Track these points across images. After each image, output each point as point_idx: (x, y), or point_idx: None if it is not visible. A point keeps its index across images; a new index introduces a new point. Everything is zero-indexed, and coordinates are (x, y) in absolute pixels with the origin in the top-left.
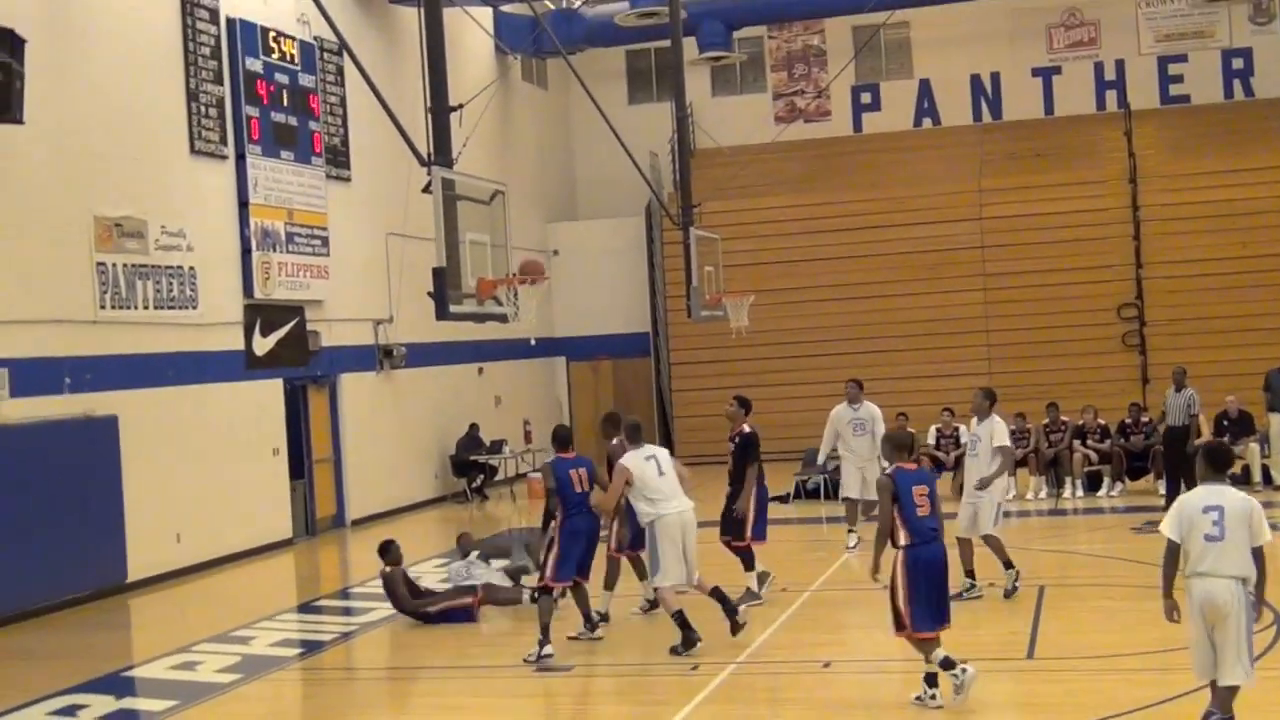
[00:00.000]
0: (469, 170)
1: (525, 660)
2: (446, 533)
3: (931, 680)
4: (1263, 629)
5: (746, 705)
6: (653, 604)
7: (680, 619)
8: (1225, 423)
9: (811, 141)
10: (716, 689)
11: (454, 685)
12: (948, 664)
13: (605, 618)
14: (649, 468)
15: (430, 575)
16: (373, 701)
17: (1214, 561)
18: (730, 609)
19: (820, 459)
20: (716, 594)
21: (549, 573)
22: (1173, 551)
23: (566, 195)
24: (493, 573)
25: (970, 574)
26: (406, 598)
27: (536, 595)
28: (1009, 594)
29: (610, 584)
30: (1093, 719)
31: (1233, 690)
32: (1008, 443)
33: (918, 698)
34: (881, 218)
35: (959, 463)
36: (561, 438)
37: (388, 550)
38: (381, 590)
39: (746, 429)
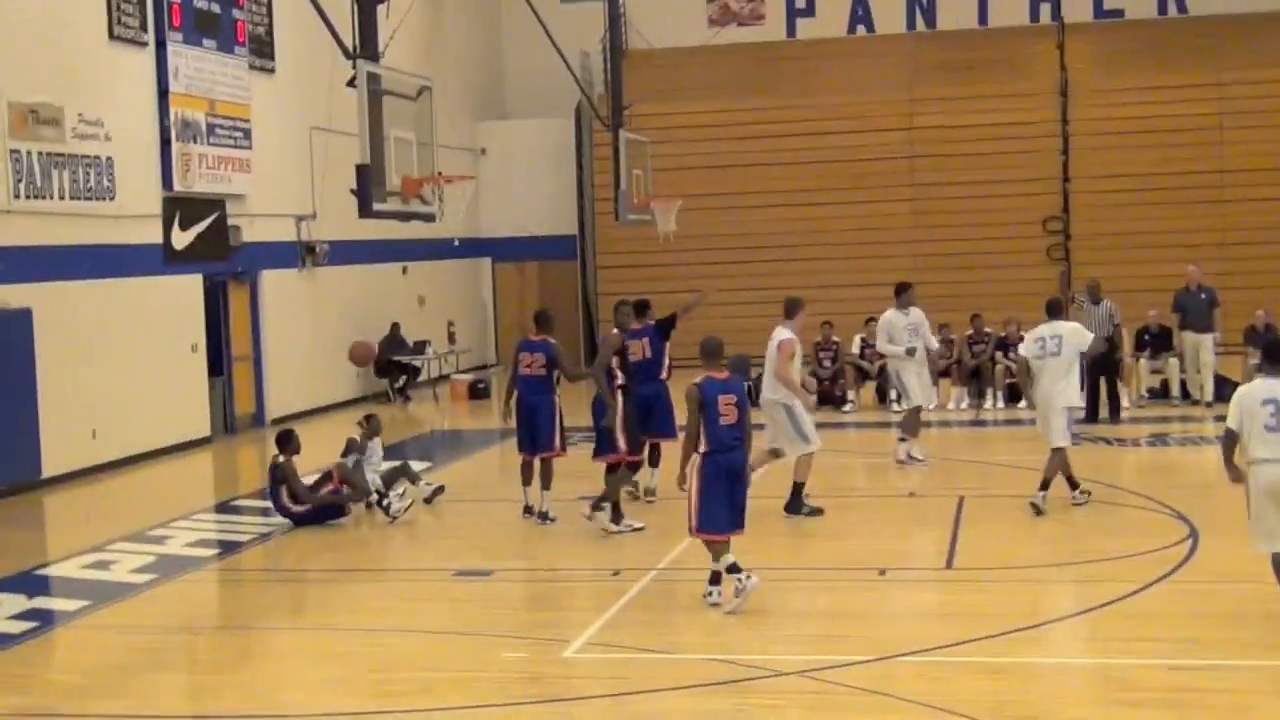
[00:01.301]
0: (395, 65)
1: (604, 530)
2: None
3: (715, 579)
4: (1178, 542)
5: (665, 612)
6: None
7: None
8: (1146, 337)
9: (744, 46)
10: (636, 595)
11: (374, 588)
12: (734, 569)
13: (546, 516)
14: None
15: None
16: (291, 604)
17: (1273, 448)
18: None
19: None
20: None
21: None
22: (1231, 439)
23: (495, 94)
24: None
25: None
26: (303, 492)
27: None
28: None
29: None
30: (1012, 628)
31: None
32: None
33: (705, 595)
34: (812, 125)
35: (883, 371)
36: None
37: (288, 441)
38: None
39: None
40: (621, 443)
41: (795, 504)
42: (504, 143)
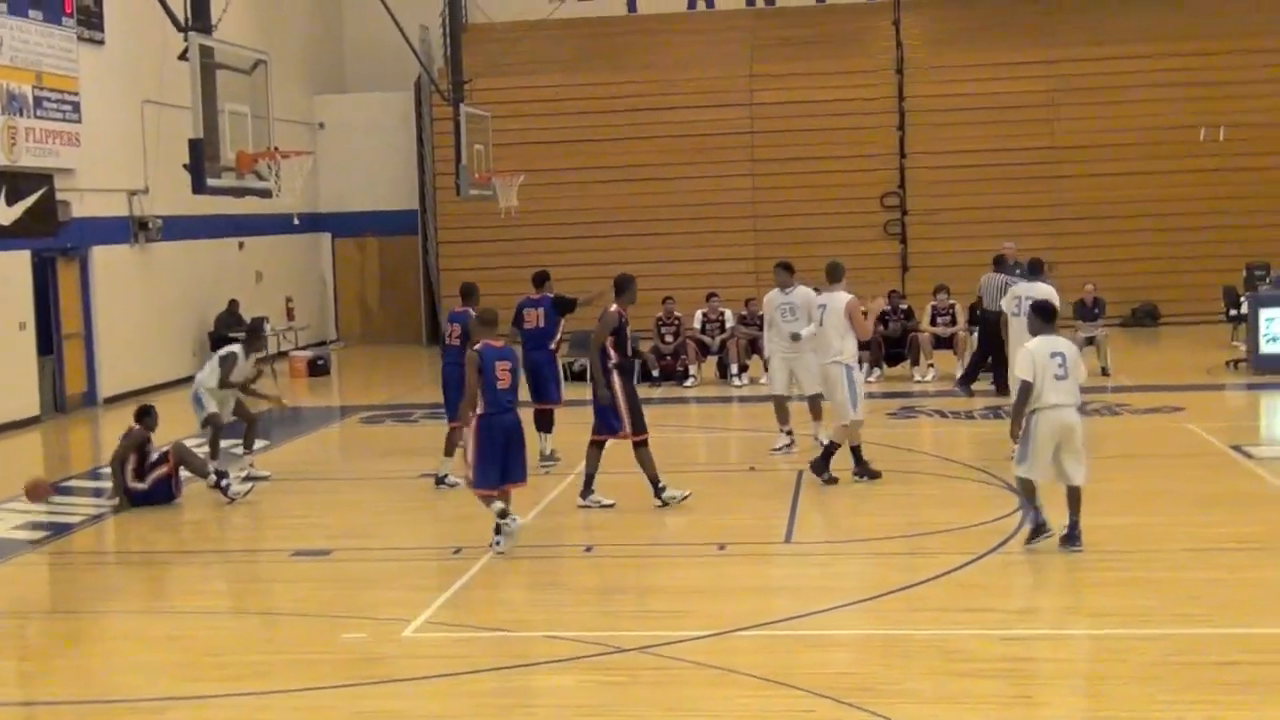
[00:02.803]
0: (230, 38)
1: (579, 505)
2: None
3: (499, 529)
4: (1010, 514)
5: (506, 590)
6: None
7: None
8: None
9: (585, 20)
10: (478, 573)
11: (211, 570)
12: (503, 514)
13: (443, 480)
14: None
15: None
16: (125, 587)
17: (1063, 394)
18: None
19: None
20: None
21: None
22: (1028, 389)
23: (334, 67)
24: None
25: None
26: (131, 468)
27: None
28: None
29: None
30: (848, 601)
31: (1080, 490)
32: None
33: (491, 545)
34: (653, 100)
35: (724, 346)
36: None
37: (147, 414)
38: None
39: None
40: (626, 424)
41: (822, 465)
42: (343, 117)
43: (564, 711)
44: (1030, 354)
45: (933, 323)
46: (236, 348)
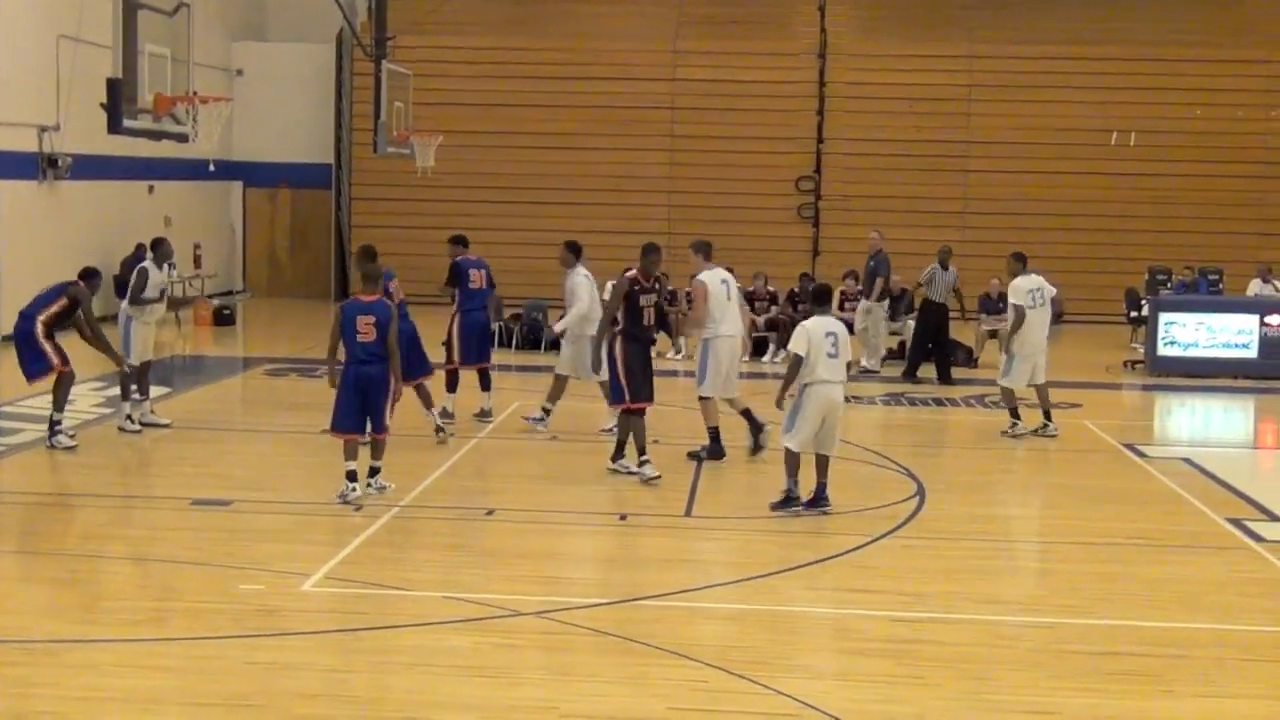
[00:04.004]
0: None
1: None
2: (103, 356)
3: (351, 476)
4: (905, 499)
5: (405, 549)
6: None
7: (714, 433)
8: (889, 298)
9: None
10: (377, 531)
11: (107, 515)
12: (353, 476)
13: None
14: (722, 290)
15: (84, 399)
16: (15, 527)
17: (833, 372)
18: (756, 427)
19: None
20: (747, 415)
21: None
22: (799, 363)
23: (255, 14)
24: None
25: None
26: (96, 328)
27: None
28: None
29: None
30: (744, 576)
31: (829, 458)
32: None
33: (340, 494)
34: (577, 69)
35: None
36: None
37: (94, 276)
38: (29, 412)
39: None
40: (626, 393)
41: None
42: (262, 65)
43: (459, 671)
44: (806, 331)
45: (840, 308)
46: (146, 262)
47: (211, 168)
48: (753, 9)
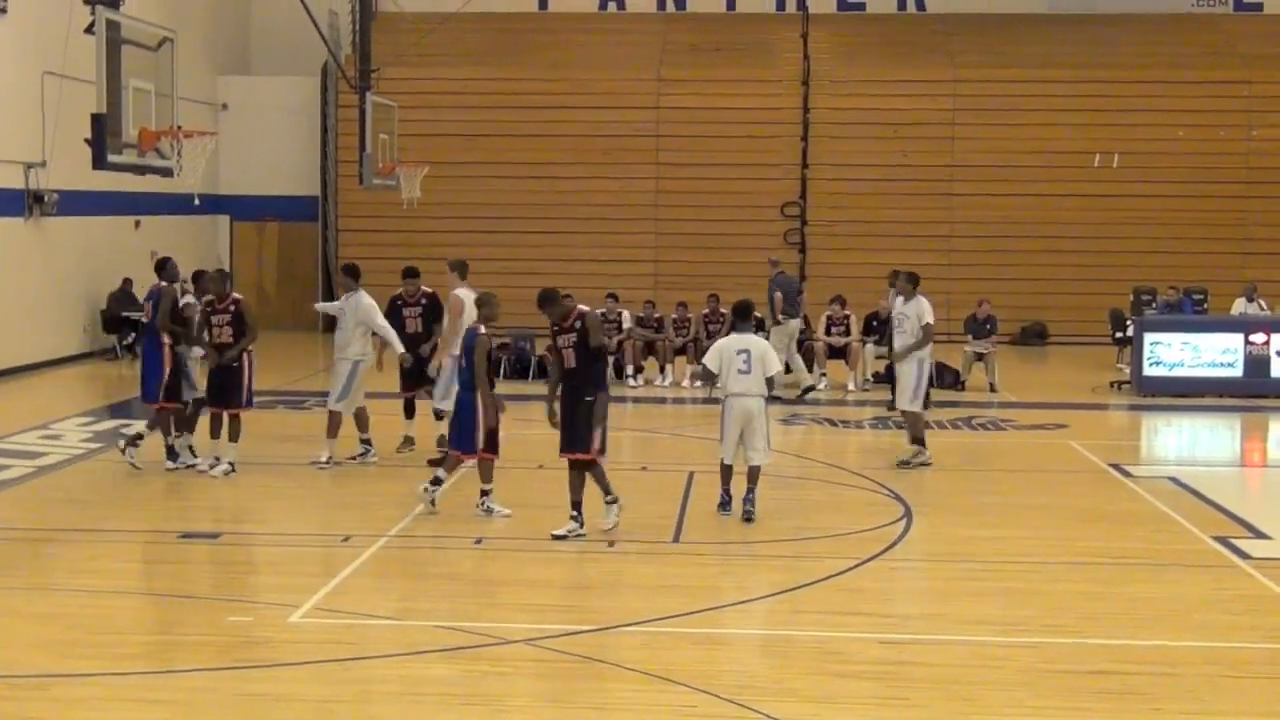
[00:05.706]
0: (136, 13)
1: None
2: (90, 391)
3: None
4: (893, 522)
5: (394, 579)
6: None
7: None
8: (875, 323)
9: (496, 15)
10: (366, 562)
11: (96, 549)
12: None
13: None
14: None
15: (72, 434)
16: (12, 562)
17: (745, 386)
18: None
19: None
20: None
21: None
22: (709, 376)
23: (240, 48)
24: None
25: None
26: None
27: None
28: (903, 465)
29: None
30: (733, 601)
31: (759, 469)
32: (932, 320)
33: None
34: (561, 99)
35: (620, 347)
36: None
37: (164, 266)
38: (18, 447)
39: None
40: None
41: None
42: (247, 99)
43: (448, 700)
44: (719, 349)
45: (827, 332)
46: (190, 296)
47: (197, 201)
48: (736, 37)
